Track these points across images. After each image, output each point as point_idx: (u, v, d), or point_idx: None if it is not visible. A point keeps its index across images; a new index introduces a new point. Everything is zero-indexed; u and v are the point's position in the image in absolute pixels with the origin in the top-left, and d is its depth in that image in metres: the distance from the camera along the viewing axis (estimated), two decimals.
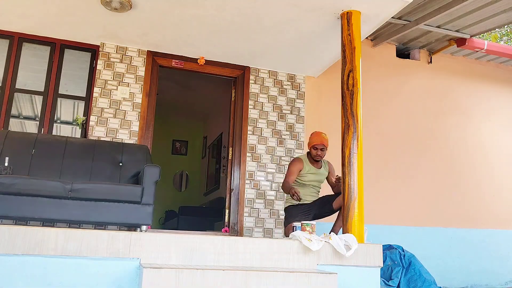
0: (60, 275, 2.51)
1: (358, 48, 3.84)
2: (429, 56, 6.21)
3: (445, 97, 6.18)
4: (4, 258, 2.46)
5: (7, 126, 4.64)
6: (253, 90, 5.38)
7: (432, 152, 5.92)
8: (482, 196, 6.01)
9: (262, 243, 2.93)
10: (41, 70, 4.85)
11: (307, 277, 2.63)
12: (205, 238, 2.85)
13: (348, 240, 3.09)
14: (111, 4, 4.04)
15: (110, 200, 3.58)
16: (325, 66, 5.32)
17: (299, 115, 5.47)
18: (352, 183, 3.51)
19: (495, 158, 6.24)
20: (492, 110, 6.41)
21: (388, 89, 5.90)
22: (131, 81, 4.97)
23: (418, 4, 4.88)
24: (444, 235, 5.66)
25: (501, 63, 6.57)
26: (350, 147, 3.59)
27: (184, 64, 5.21)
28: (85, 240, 2.59)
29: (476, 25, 5.40)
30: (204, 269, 2.49)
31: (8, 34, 4.80)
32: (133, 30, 4.64)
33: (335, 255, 3.04)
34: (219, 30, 4.53)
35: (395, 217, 5.50)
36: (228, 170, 5.35)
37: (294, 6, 4.00)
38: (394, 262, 4.37)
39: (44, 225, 4.10)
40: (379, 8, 3.97)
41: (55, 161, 4.05)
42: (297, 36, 4.57)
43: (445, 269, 5.23)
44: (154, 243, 2.71)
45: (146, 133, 4.91)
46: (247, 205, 5.06)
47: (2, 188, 3.33)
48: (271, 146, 5.30)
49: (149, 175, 3.75)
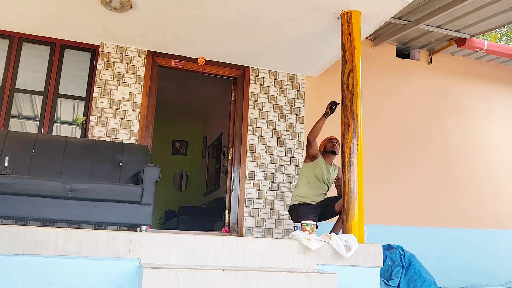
0: (60, 275, 2.51)
1: (358, 48, 3.84)
2: (429, 56, 6.22)
3: (445, 97, 6.18)
4: (4, 258, 2.46)
5: (7, 126, 4.64)
6: (253, 90, 5.38)
7: (432, 152, 5.92)
8: (481, 196, 6.01)
9: (262, 243, 2.93)
10: (41, 70, 4.85)
11: (307, 277, 2.63)
12: (205, 238, 2.85)
13: (348, 241, 3.09)
14: (111, 4, 4.04)
15: (110, 200, 3.58)
16: (325, 66, 5.32)
17: (299, 115, 5.47)
18: (352, 183, 3.51)
19: (495, 158, 6.24)
20: (492, 110, 6.41)
21: (388, 89, 5.90)
22: (131, 81, 4.97)
23: (418, 4, 4.88)
24: (444, 235, 5.66)
25: (501, 63, 6.57)
26: (350, 147, 3.59)
27: (184, 64, 5.21)
28: (85, 240, 2.59)
29: (476, 25, 5.40)
30: (204, 269, 2.49)
31: (8, 34, 4.80)
32: (133, 30, 4.64)
33: (335, 255, 3.04)
34: (219, 30, 4.53)
35: (395, 217, 5.50)
36: (228, 170, 5.35)
37: (294, 6, 4.00)
38: (394, 262, 4.37)
39: (44, 225, 4.10)
40: (379, 8, 3.96)
41: (55, 161, 4.05)
42: (297, 36, 4.57)
43: (445, 269, 5.23)
44: (154, 243, 2.71)
45: (146, 133, 4.91)
46: (247, 205, 5.06)
47: (2, 188, 3.33)
48: (271, 146, 5.30)
49: (149, 175, 3.75)
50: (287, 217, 5.14)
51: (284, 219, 5.12)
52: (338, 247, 3.01)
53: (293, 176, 5.27)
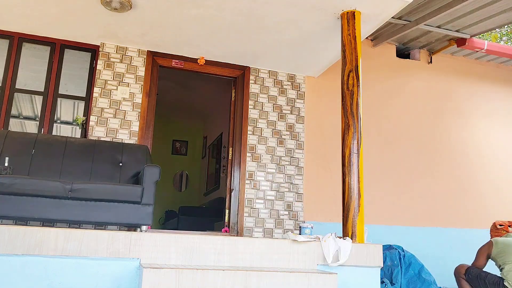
0: (60, 275, 2.51)
1: (358, 48, 3.84)
2: (429, 56, 6.21)
3: (445, 97, 6.18)
4: (4, 258, 2.46)
5: (7, 126, 4.64)
6: (253, 90, 5.38)
7: (432, 152, 5.92)
8: (482, 196, 6.01)
9: (262, 243, 2.93)
10: (41, 70, 4.85)
11: (307, 277, 2.63)
12: (205, 238, 2.85)
13: (341, 248, 3.04)
14: (111, 4, 4.04)
15: (110, 200, 3.58)
16: (325, 66, 5.32)
17: (299, 115, 5.47)
18: (352, 183, 3.51)
19: (495, 158, 6.24)
20: (492, 110, 6.41)
21: (388, 89, 5.90)
22: (131, 81, 4.97)
23: (418, 4, 4.88)
24: (444, 235, 5.66)
25: (501, 63, 6.57)
26: (350, 147, 3.59)
27: (184, 64, 5.21)
28: (85, 240, 2.59)
29: (476, 25, 5.40)
30: (204, 269, 2.49)
31: (8, 34, 4.80)
32: (133, 30, 4.64)
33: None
34: (219, 30, 4.53)
35: (395, 217, 5.50)
36: (228, 170, 5.35)
37: (294, 6, 4.00)
38: (394, 262, 4.37)
39: (44, 225, 4.10)
40: (379, 8, 3.96)
41: (55, 161, 4.05)
42: (297, 36, 4.57)
43: (445, 269, 5.22)
44: (154, 243, 2.71)
45: (146, 133, 4.91)
46: (247, 205, 5.06)
47: (2, 188, 3.33)
48: (271, 146, 5.30)
49: (149, 175, 3.75)
50: (287, 217, 5.14)
51: (284, 219, 5.12)
52: (327, 252, 3.00)
53: (293, 176, 5.27)
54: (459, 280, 4.33)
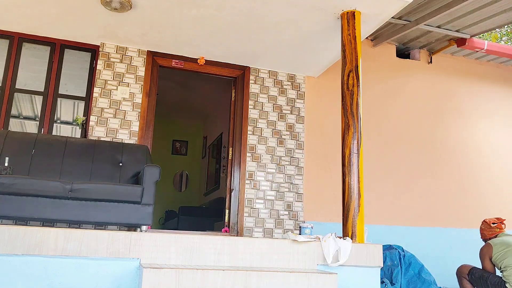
0: (60, 275, 2.51)
1: (358, 48, 3.84)
2: (429, 56, 6.21)
3: (445, 97, 6.18)
4: (4, 258, 2.46)
5: (7, 126, 4.64)
6: (253, 90, 5.38)
7: (432, 151, 5.92)
8: (482, 196, 6.01)
9: (262, 243, 2.94)
10: (41, 70, 4.85)
11: (307, 277, 2.63)
12: (205, 238, 2.85)
13: (341, 249, 3.04)
14: (111, 4, 4.04)
15: (110, 200, 3.58)
16: (325, 66, 5.32)
17: (299, 115, 5.47)
18: (352, 183, 3.51)
19: (495, 158, 6.24)
20: (492, 110, 6.41)
21: (388, 89, 5.90)
22: (131, 81, 4.97)
23: (418, 4, 4.88)
24: (444, 235, 5.66)
25: (501, 63, 6.57)
26: (350, 147, 3.59)
27: (184, 64, 5.21)
28: (85, 240, 2.59)
29: (476, 25, 5.40)
30: (204, 269, 2.49)
31: (8, 34, 4.80)
32: (133, 30, 4.64)
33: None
34: (219, 30, 4.53)
35: (395, 217, 5.50)
36: (228, 170, 5.35)
37: (294, 6, 4.00)
38: (394, 262, 4.37)
39: (44, 225, 4.10)
40: (379, 8, 3.96)
41: (55, 161, 4.05)
42: (297, 36, 4.57)
43: (445, 269, 5.22)
44: (154, 243, 2.71)
45: (146, 133, 4.91)
46: (247, 205, 5.06)
47: (2, 188, 3.33)
48: (271, 146, 5.30)
49: (149, 175, 3.75)
50: (287, 217, 5.14)
51: (284, 219, 5.12)
52: (327, 252, 3.00)
53: (293, 176, 5.27)
54: (461, 280, 4.33)
